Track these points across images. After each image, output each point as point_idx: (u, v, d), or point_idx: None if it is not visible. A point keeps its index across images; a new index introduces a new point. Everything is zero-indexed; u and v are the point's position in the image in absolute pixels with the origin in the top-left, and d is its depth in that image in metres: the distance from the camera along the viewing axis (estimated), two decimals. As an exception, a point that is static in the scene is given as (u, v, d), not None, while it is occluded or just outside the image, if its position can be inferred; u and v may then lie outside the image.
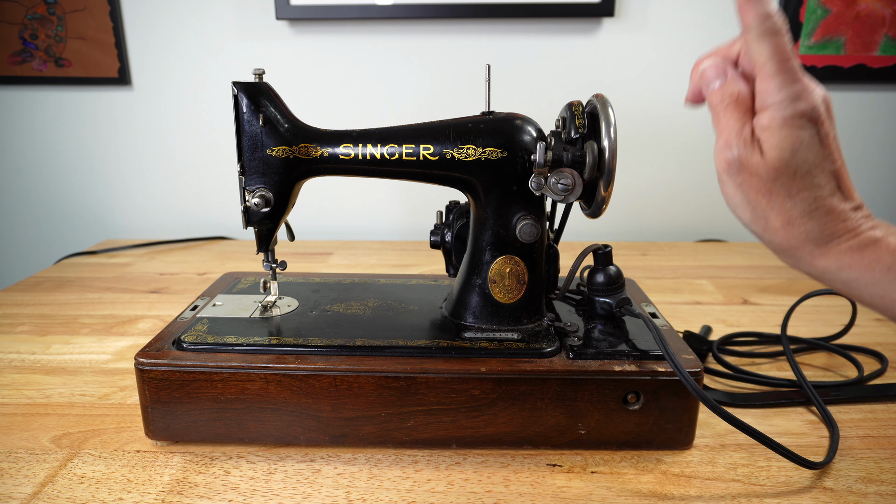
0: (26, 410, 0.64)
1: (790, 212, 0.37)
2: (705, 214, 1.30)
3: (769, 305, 0.92)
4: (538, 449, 0.57)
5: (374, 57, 1.21)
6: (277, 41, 1.20)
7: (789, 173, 0.36)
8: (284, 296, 0.69)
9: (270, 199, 0.60)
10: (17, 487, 0.52)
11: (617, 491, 0.52)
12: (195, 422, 0.56)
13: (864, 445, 0.58)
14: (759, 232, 0.39)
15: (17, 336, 0.82)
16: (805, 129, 0.36)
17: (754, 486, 0.52)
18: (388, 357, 0.56)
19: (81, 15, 1.18)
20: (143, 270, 1.09)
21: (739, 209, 0.39)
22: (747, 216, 0.39)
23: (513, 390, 0.55)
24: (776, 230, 0.38)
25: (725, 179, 0.39)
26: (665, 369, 0.54)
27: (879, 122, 1.23)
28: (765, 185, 0.37)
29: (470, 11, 1.14)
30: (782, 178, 0.37)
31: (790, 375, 0.69)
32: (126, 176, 1.30)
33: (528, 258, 0.61)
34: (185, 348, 0.57)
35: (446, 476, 0.54)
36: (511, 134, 0.58)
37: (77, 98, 1.24)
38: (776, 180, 0.37)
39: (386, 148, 0.59)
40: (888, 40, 1.15)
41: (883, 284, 0.36)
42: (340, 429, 0.56)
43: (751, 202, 0.38)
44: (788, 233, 0.37)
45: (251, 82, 0.58)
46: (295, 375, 0.55)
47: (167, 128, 1.26)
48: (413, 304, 0.68)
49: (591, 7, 1.14)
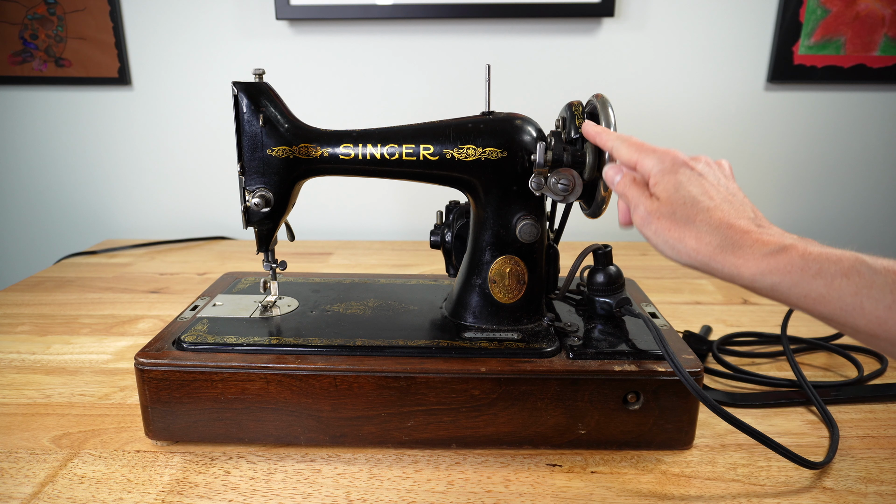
0: (26, 410, 0.64)
1: (698, 232, 0.45)
2: (705, 214, 1.30)
3: (769, 305, 0.92)
4: (538, 449, 0.57)
5: (374, 57, 1.21)
6: (277, 41, 1.20)
7: (682, 203, 0.46)
8: (284, 296, 0.69)
9: (270, 199, 0.60)
10: (17, 487, 0.52)
11: (617, 491, 0.52)
12: (195, 422, 0.56)
13: (864, 445, 0.58)
14: (685, 259, 0.46)
15: (17, 336, 0.82)
16: (679, 173, 0.47)
17: (754, 486, 0.52)
18: (388, 357, 0.56)
19: (81, 15, 1.18)
20: (143, 270, 1.09)
21: (666, 249, 0.47)
22: (672, 251, 0.46)
23: (513, 390, 0.55)
24: (695, 249, 0.45)
25: (647, 233, 0.47)
26: (665, 369, 0.54)
27: (879, 122, 1.23)
28: (670, 220, 0.46)
29: (470, 11, 1.14)
30: (679, 210, 0.46)
31: (790, 375, 0.69)
32: (126, 176, 1.30)
33: (528, 258, 0.61)
34: (185, 348, 0.57)
35: (446, 476, 0.54)
36: (511, 134, 0.58)
37: (77, 98, 1.24)
38: (675, 213, 0.46)
39: (386, 148, 0.59)
40: (888, 40, 1.15)
41: (802, 285, 0.40)
42: (340, 429, 0.56)
43: (669, 239, 0.46)
44: (703, 248, 0.44)
45: (251, 82, 0.58)
46: (295, 375, 0.55)
47: (167, 128, 1.26)
48: (413, 304, 0.68)
49: (591, 7, 1.14)
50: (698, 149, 1.25)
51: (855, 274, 0.38)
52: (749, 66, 1.20)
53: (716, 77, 1.20)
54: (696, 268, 0.46)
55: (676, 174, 0.47)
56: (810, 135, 1.24)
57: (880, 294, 0.38)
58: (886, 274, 0.38)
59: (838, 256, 0.40)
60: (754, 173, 1.26)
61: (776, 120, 1.23)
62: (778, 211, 1.29)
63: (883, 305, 0.37)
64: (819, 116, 1.23)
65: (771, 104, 1.22)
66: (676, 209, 0.46)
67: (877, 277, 0.38)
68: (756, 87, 1.21)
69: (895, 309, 0.37)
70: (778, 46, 1.16)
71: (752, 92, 1.21)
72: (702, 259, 0.44)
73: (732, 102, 1.21)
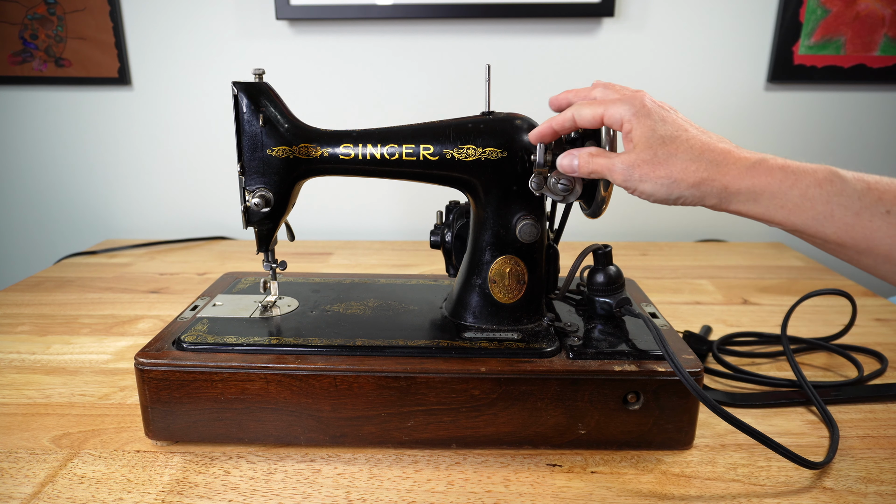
0: (26, 410, 0.64)
1: (682, 162, 0.46)
2: (705, 214, 1.30)
3: (769, 305, 0.92)
4: (538, 449, 0.57)
5: (374, 57, 1.21)
6: (277, 41, 1.20)
7: (660, 143, 0.47)
8: (284, 296, 0.69)
9: (270, 199, 0.60)
10: (17, 487, 0.52)
11: (617, 491, 0.52)
12: (195, 422, 0.56)
13: (864, 445, 0.58)
14: (677, 191, 0.47)
15: (17, 336, 0.82)
16: (651, 115, 0.48)
17: (754, 486, 0.52)
18: (388, 357, 0.56)
19: (81, 15, 1.18)
20: (143, 270, 1.09)
21: (656, 190, 0.47)
22: (663, 189, 0.47)
23: (513, 390, 0.55)
24: (683, 179, 0.46)
25: (633, 185, 0.48)
26: (665, 369, 0.54)
27: (879, 122, 1.23)
28: (652, 163, 0.47)
29: (470, 11, 1.14)
30: (659, 150, 0.47)
31: (790, 375, 0.69)
32: (126, 176, 1.30)
33: (528, 258, 0.61)
34: (185, 348, 0.57)
35: (446, 476, 0.54)
36: (511, 134, 0.58)
37: (77, 98, 1.24)
38: (656, 154, 0.47)
39: (386, 148, 0.59)
40: (888, 40, 1.15)
41: (780, 195, 0.43)
42: (340, 429, 0.56)
43: (657, 180, 0.47)
44: (691, 175, 0.46)
45: (251, 82, 0.58)
46: (295, 375, 0.55)
47: (167, 128, 1.26)
48: (413, 304, 0.68)
49: (591, 7, 1.14)
50: (698, 149, 1.25)
51: (827, 183, 0.41)
52: (749, 66, 1.20)
53: (716, 77, 1.20)
54: (687, 200, 0.47)
55: (650, 116, 0.48)
56: (810, 135, 1.24)
57: (849, 201, 0.41)
58: (856, 182, 0.41)
59: (813, 168, 0.43)
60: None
61: (776, 120, 1.23)
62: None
63: (851, 212, 0.41)
64: (819, 116, 1.23)
65: (771, 104, 1.22)
66: (657, 150, 0.47)
67: (846, 186, 0.41)
68: (756, 87, 1.21)
69: (862, 215, 0.40)
70: (778, 46, 1.16)
71: (752, 92, 1.21)
72: (692, 185, 0.46)
73: (732, 102, 1.21)
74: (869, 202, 0.40)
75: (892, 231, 0.40)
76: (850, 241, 0.41)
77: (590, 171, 0.51)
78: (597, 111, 0.50)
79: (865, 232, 0.41)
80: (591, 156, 0.51)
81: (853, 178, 0.41)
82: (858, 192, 0.41)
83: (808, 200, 0.42)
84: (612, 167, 0.49)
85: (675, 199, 0.47)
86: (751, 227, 1.31)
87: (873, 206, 0.40)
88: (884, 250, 0.41)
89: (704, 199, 0.46)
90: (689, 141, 0.47)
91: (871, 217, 0.40)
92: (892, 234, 0.40)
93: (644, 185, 0.48)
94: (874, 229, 0.40)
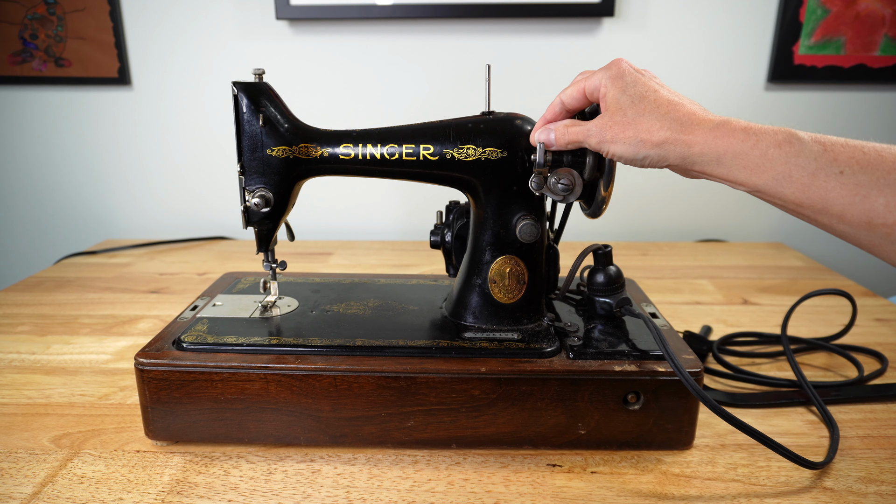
0: (26, 410, 0.64)
1: (649, 122, 0.47)
2: (705, 214, 1.30)
3: (769, 305, 0.92)
4: (538, 449, 0.57)
5: (374, 57, 1.21)
6: (277, 41, 1.20)
7: (630, 104, 0.48)
8: (284, 296, 0.69)
9: (270, 199, 0.60)
10: (17, 487, 0.52)
11: (617, 491, 0.52)
12: (195, 422, 0.56)
13: (864, 445, 0.58)
14: (643, 154, 0.48)
15: (17, 336, 0.82)
16: (625, 77, 0.50)
17: (754, 486, 0.52)
18: (388, 357, 0.56)
19: (81, 15, 1.18)
20: (143, 270, 1.09)
21: (626, 153, 0.49)
22: (631, 151, 0.49)
23: (513, 390, 0.55)
24: (649, 139, 0.47)
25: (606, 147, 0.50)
26: (665, 369, 0.54)
27: (879, 122, 1.23)
28: (622, 124, 0.49)
29: (470, 11, 1.14)
30: (628, 110, 0.48)
31: (790, 375, 0.69)
32: (126, 176, 1.30)
33: (528, 258, 0.61)
34: (185, 348, 0.57)
35: (446, 476, 0.54)
36: (511, 134, 0.58)
37: (77, 98, 1.24)
38: (626, 113, 0.48)
39: (386, 148, 0.59)
40: (888, 40, 1.15)
41: (742, 156, 0.44)
42: (340, 429, 0.56)
43: (626, 139, 0.48)
44: (656, 134, 0.47)
45: (251, 82, 0.58)
46: (295, 375, 0.55)
47: (167, 128, 1.26)
48: (413, 304, 0.68)
49: (591, 7, 1.14)
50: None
51: (786, 144, 0.43)
52: (749, 66, 1.20)
53: (716, 77, 1.20)
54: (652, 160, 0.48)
55: (622, 78, 0.50)
56: (810, 135, 1.24)
57: (805, 161, 0.42)
58: (812, 144, 0.42)
59: (774, 130, 0.44)
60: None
61: (776, 120, 1.22)
62: (778, 210, 1.29)
63: (807, 173, 0.42)
64: (819, 116, 1.23)
65: (771, 104, 1.22)
66: (626, 110, 0.48)
67: (804, 147, 0.42)
68: (756, 87, 1.21)
69: (817, 175, 0.42)
70: (778, 46, 1.16)
71: (752, 92, 1.21)
72: (656, 144, 0.47)
73: (732, 102, 1.21)
74: (824, 163, 0.42)
75: (845, 192, 0.41)
76: (807, 201, 0.42)
77: (567, 142, 0.53)
78: (579, 86, 0.52)
79: (820, 192, 0.42)
80: (566, 126, 0.53)
81: (810, 139, 0.43)
82: (815, 154, 0.42)
83: (768, 161, 0.43)
84: (587, 132, 0.51)
85: (642, 160, 0.49)
86: (751, 227, 1.31)
87: (828, 167, 0.41)
88: (837, 210, 0.42)
89: (668, 158, 0.47)
90: (656, 101, 0.48)
91: (825, 177, 0.41)
92: (844, 194, 0.41)
93: (614, 146, 0.49)
94: (828, 189, 0.41)
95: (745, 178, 0.45)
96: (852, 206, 0.41)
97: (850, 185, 0.41)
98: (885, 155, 0.41)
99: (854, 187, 0.41)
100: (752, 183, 0.45)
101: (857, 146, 0.42)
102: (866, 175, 0.40)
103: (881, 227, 0.41)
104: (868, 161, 0.41)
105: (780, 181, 0.43)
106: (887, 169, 0.40)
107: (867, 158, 0.41)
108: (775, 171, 0.43)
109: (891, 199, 0.40)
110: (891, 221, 0.40)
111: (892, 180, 0.40)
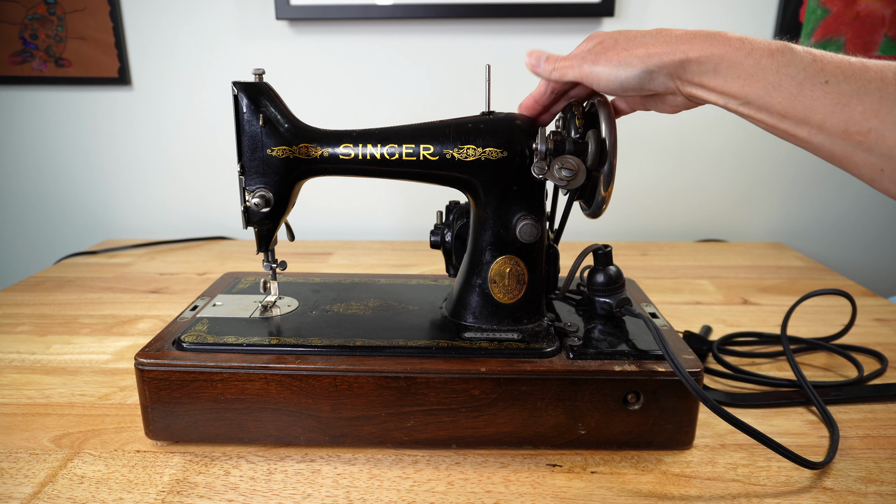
0: (26, 410, 0.64)
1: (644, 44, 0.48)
2: (705, 214, 1.30)
3: (769, 305, 0.92)
4: (538, 449, 0.57)
5: (374, 57, 1.21)
6: (277, 41, 1.20)
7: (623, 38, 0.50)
8: (284, 296, 0.69)
9: (270, 199, 0.60)
10: (17, 487, 0.52)
11: (617, 491, 0.52)
12: (195, 422, 0.56)
13: (864, 445, 0.58)
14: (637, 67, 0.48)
15: (17, 336, 0.82)
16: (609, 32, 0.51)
17: (754, 486, 0.52)
18: (388, 357, 0.56)
19: (81, 15, 1.18)
20: (143, 270, 1.09)
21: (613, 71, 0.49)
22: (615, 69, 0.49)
23: (513, 390, 0.55)
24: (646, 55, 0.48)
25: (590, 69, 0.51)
26: (665, 369, 0.54)
27: (879, 122, 1.22)
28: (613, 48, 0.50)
29: (470, 11, 1.14)
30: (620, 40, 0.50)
31: (790, 375, 0.69)
32: (126, 176, 1.30)
33: (528, 258, 0.61)
34: (185, 348, 0.57)
35: (446, 476, 0.54)
36: (511, 134, 0.58)
37: (77, 98, 1.24)
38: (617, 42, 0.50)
39: (386, 148, 0.59)
40: (888, 40, 1.15)
41: (736, 65, 0.45)
42: (340, 429, 0.56)
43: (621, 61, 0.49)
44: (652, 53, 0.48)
45: (251, 82, 0.58)
46: (295, 375, 0.55)
47: (167, 128, 1.26)
48: (413, 304, 0.68)
49: (591, 7, 1.14)
50: (700, 148, 1.25)
51: (779, 54, 0.43)
52: (749, 66, 1.20)
53: (716, 77, 1.20)
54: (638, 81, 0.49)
55: (607, 32, 0.52)
56: (810, 135, 1.24)
57: (795, 71, 0.43)
58: (804, 54, 0.43)
59: (768, 41, 0.45)
60: (755, 173, 1.26)
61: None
62: (778, 211, 1.29)
63: (796, 82, 0.43)
64: (819, 116, 1.22)
65: (771, 104, 1.22)
66: (618, 40, 0.50)
67: (795, 56, 0.43)
68: (756, 87, 1.21)
69: (804, 85, 0.42)
70: (778, 46, 1.16)
71: (752, 92, 1.21)
72: (647, 56, 0.48)
73: (732, 102, 1.21)
74: (812, 72, 0.42)
75: (828, 100, 0.41)
76: (792, 111, 0.43)
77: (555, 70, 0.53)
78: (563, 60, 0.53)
79: (806, 101, 0.42)
80: (557, 56, 0.54)
81: (802, 50, 0.43)
82: (805, 63, 0.42)
83: (760, 70, 0.44)
84: (579, 60, 0.52)
85: (624, 80, 0.49)
86: (751, 227, 1.31)
87: (815, 76, 0.42)
88: (818, 119, 0.42)
89: (655, 77, 0.48)
90: (648, 32, 0.49)
91: (812, 86, 0.42)
92: (827, 103, 0.42)
93: (597, 67, 0.50)
94: (814, 98, 0.42)
95: (738, 87, 0.45)
96: (832, 115, 0.42)
97: (834, 93, 0.41)
98: (869, 66, 0.41)
99: (837, 96, 0.41)
100: (743, 93, 0.45)
101: (846, 59, 0.42)
102: (849, 84, 0.41)
103: (856, 134, 0.41)
104: (853, 71, 0.41)
105: (770, 90, 0.44)
106: (869, 78, 0.41)
107: (852, 69, 0.41)
108: (766, 81, 0.44)
109: (868, 107, 0.40)
110: (865, 129, 0.41)
111: (872, 89, 0.41)
